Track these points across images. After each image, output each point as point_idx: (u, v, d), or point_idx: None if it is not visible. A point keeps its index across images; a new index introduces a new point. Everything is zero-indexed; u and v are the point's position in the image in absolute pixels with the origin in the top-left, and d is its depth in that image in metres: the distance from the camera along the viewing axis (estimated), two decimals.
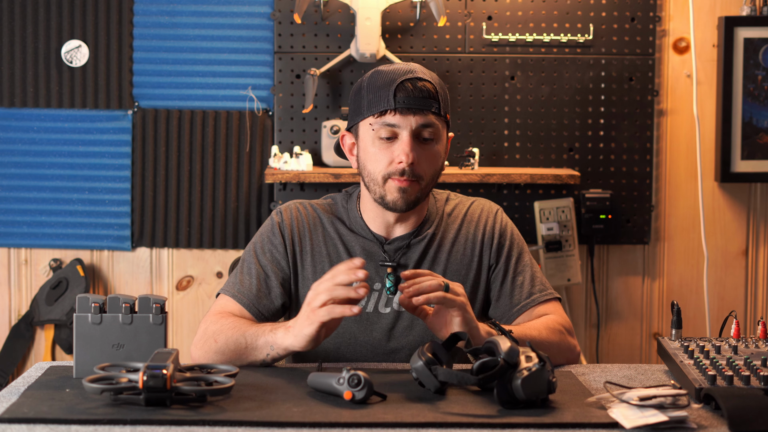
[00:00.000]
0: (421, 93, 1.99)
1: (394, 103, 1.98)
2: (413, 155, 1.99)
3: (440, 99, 2.02)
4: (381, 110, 2.00)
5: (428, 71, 2.06)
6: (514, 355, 1.65)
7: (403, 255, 2.11)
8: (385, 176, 2.02)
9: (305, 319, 1.84)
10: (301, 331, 1.84)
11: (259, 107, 3.39)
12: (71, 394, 1.68)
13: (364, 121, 2.04)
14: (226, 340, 1.95)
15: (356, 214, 2.13)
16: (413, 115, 1.99)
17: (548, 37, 3.38)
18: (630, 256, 3.47)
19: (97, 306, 1.80)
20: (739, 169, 3.40)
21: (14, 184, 3.42)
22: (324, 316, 1.81)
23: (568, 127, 3.40)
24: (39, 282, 3.46)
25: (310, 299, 1.84)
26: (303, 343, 1.85)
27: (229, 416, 1.57)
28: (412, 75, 2.01)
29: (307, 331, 1.83)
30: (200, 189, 3.41)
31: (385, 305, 2.11)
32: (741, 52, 3.36)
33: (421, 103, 1.99)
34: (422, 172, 2.02)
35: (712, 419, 1.60)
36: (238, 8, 3.39)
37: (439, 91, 2.02)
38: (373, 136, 2.02)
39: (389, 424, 1.55)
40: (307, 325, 1.83)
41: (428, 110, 2.00)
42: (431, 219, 2.15)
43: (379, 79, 2.02)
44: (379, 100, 2.00)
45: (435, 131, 2.02)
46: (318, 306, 1.81)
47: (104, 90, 3.38)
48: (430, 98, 2.00)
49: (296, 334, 1.85)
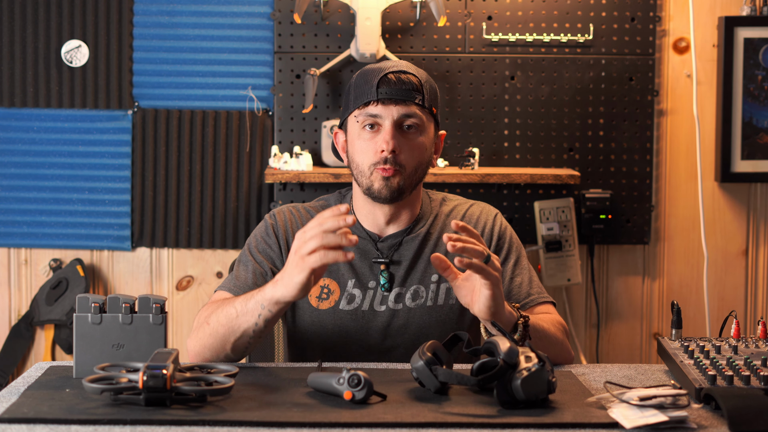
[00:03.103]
0: (403, 84, 2.04)
1: (377, 95, 2.03)
2: (393, 143, 2.03)
3: (425, 92, 2.06)
4: (365, 102, 2.05)
5: (417, 68, 2.10)
6: (514, 355, 1.65)
7: (396, 252, 2.12)
8: (370, 166, 2.06)
9: (294, 267, 1.82)
10: (292, 280, 1.83)
11: (259, 107, 3.39)
12: (71, 394, 1.68)
13: (351, 115, 2.09)
14: (217, 317, 1.95)
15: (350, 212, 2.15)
16: (395, 105, 2.04)
17: (548, 37, 3.38)
18: (630, 256, 3.47)
19: (97, 306, 1.80)
20: (739, 169, 3.40)
21: (14, 184, 3.42)
22: (315, 262, 1.79)
23: (568, 127, 3.40)
24: (39, 282, 3.46)
25: (297, 247, 1.82)
26: (293, 291, 1.83)
27: (229, 416, 1.57)
28: (396, 68, 2.06)
29: (298, 279, 1.82)
30: (200, 189, 3.41)
31: (380, 303, 2.12)
32: (741, 52, 3.36)
33: (404, 94, 2.04)
34: (404, 161, 2.05)
35: (712, 419, 1.60)
36: (238, 8, 3.39)
37: (424, 85, 2.07)
38: (359, 128, 2.07)
39: (389, 424, 1.55)
40: (297, 273, 1.81)
41: (411, 101, 2.04)
42: (425, 217, 2.17)
43: (365, 74, 2.08)
44: (364, 93, 2.05)
45: (418, 121, 2.06)
46: (307, 253, 1.79)
47: (104, 90, 3.38)
48: (413, 90, 2.04)
49: (286, 284, 1.84)
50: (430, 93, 2.08)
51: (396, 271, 2.13)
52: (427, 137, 2.09)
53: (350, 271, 2.12)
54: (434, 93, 2.11)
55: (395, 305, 2.11)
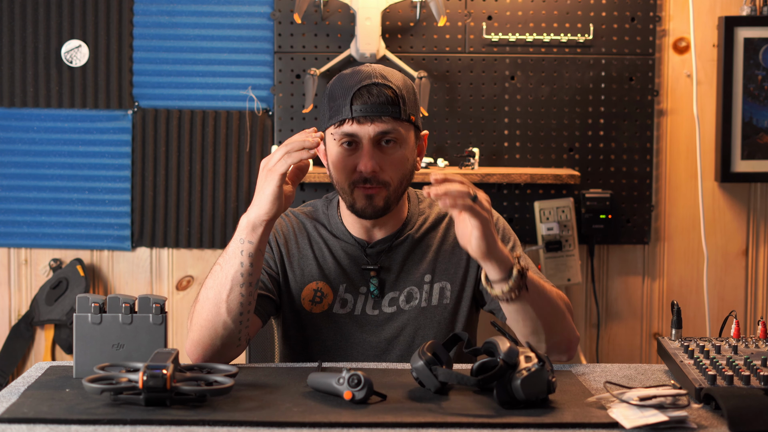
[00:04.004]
0: (378, 99, 1.97)
1: (351, 112, 1.97)
2: (372, 164, 1.99)
3: (401, 102, 2.00)
4: (339, 120, 1.99)
5: (391, 72, 2.03)
6: (514, 355, 1.65)
7: (386, 257, 2.11)
8: (350, 185, 2.02)
9: (264, 180, 1.87)
10: (263, 194, 1.86)
11: (259, 107, 3.39)
12: (71, 394, 1.68)
13: (327, 130, 2.04)
14: (205, 285, 1.95)
15: (337, 219, 2.14)
16: (371, 123, 1.98)
17: (548, 37, 3.38)
18: (630, 256, 3.47)
19: (97, 306, 1.80)
20: (739, 169, 3.40)
21: (14, 184, 3.42)
22: (281, 166, 1.85)
23: (568, 127, 3.40)
24: (39, 282, 3.46)
25: (264, 164, 1.88)
26: (267, 205, 1.87)
27: (229, 416, 1.57)
28: (369, 81, 1.98)
29: (269, 190, 1.86)
30: (200, 189, 3.41)
31: (372, 308, 2.11)
32: (741, 52, 3.36)
33: (378, 109, 1.97)
34: (388, 178, 2.02)
35: (712, 419, 1.60)
36: (238, 8, 3.39)
37: (400, 94, 2.00)
38: (336, 146, 2.03)
39: (389, 424, 1.55)
40: (268, 185, 1.86)
41: (387, 115, 1.98)
42: (413, 220, 2.15)
43: (339, 86, 2.02)
44: (338, 110, 1.99)
45: (396, 136, 2.01)
46: (274, 163, 1.85)
47: (104, 90, 3.38)
48: (388, 104, 1.98)
49: (259, 202, 1.88)
50: (407, 101, 2.02)
51: (387, 276, 2.11)
52: (407, 148, 2.04)
53: (342, 275, 2.11)
54: (412, 98, 2.04)
55: (389, 308, 2.11)
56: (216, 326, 1.93)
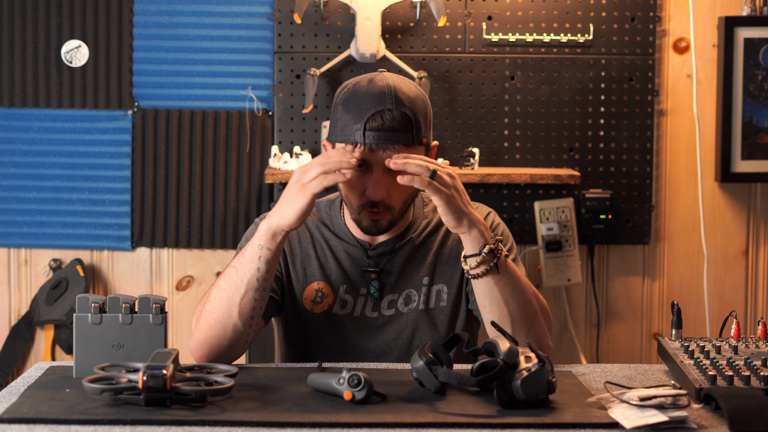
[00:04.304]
0: (391, 126, 1.94)
1: (364, 138, 1.95)
2: (381, 192, 1.98)
3: (414, 128, 1.97)
4: (352, 142, 1.97)
5: (407, 91, 1.99)
6: (514, 355, 1.65)
7: (387, 260, 2.11)
8: (358, 207, 2.02)
9: (296, 193, 1.86)
10: (293, 207, 1.86)
11: (259, 107, 3.39)
12: (71, 394, 1.68)
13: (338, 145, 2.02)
14: (217, 288, 1.95)
15: (340, 220, 2.14)
16: (383, 152, 1.96)
17: (548, 37, 3.38)
18: (630, 256, 3.46)
19: (97, 306, 1.80)
20: (739, 169, 3.40)
21: (14, 184, 3.42)
22: (316, 186, 1.84)
23: (568, 127, 3.40)
24: (39, 282, 3.46)
25: (298, 177, 1.87)
26: (292, 218, 1.87)
27: (229, 416, 1.57)
28: (382, 107, 1.95)
29: (299, 205, 1.86)
30: (200, 189, 3.41)
31: (371, 310, 2.11)
32: (741, 52, 3.36)
33: (392, 138, 1.95)
34: (394, 203, 2.02)
35: (712, 419, 1.60)
36: (238, 8, 3.39)
37: (414, 119, 1.97)
38: None
39: (389, 424, 1.55)
40: (300, 199, 1.86)
41: (400, 143, 1.96)
42: (416, 224, 2.15)
43: (352, 105, 1.97)
44: (351, 133, 1.96)
45: None
46: (309, 180, 1.85)
47: (104, 90, 3.38)
48: (401, 131, 1.95)
49: (284, 212, 1.87)
50: (421, 124, 1.99)
51: (387, 279, 2.11)
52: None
53: (342, 276, 2.11)
54: (426, 119, 2.01)
55: (388, 311, 2.11)
56: (226, 328, 1.93)
